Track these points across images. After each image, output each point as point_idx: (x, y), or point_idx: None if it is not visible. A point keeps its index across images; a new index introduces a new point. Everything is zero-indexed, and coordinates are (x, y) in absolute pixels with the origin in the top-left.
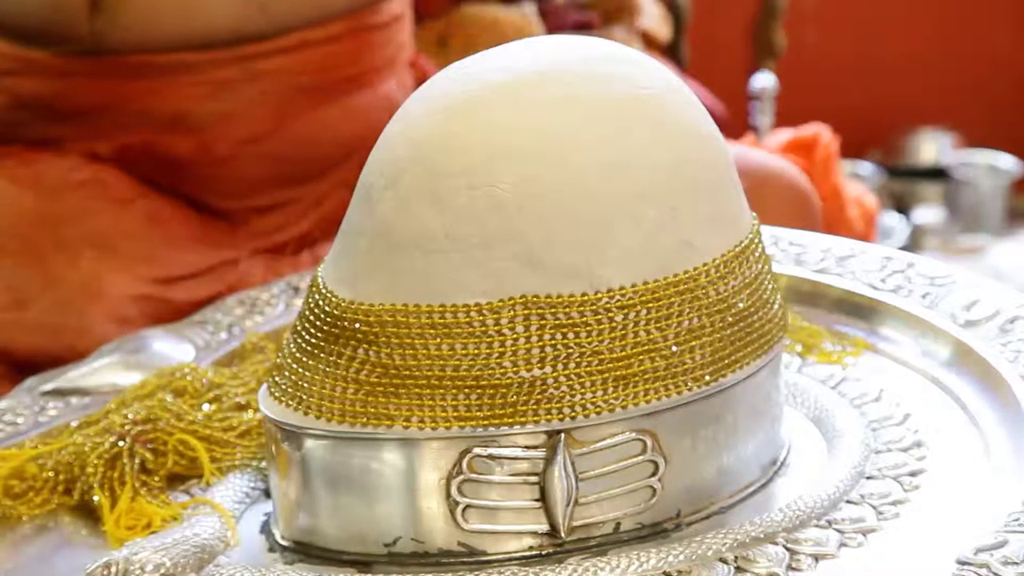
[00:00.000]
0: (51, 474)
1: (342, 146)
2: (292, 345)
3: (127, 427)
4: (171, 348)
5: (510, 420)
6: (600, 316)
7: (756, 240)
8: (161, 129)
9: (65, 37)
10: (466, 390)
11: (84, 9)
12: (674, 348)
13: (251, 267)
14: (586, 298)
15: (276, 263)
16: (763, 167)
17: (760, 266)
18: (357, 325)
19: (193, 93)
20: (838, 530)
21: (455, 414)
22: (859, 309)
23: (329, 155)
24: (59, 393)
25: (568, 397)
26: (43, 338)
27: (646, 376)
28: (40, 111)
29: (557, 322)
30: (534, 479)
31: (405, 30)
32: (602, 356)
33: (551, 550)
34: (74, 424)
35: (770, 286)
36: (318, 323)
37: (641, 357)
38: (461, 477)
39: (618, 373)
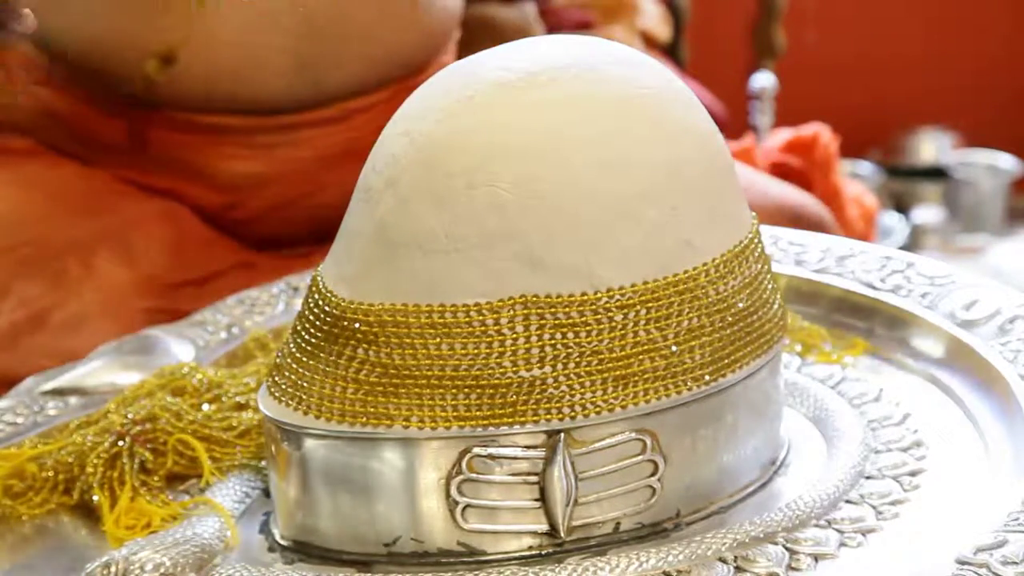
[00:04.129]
0: (51, 474)
1: None
2: (292, 345)
3: (127, 427)
4: (171, 348)
5: (510, 420)
6: (600, 316)
7: (756, 240)
8: (191, 180)
9: (118, 84)
10: (466, 390)
11: (148, 60)
12: (674, 348)
13: (261, 270)
14: (586, 298)
15: (288, 265)
16: (782, 201)
17: (760, 266)
18: (357, 325)
19: (229, 153)
20: (838, 530)
21: (455, 414)
22: (859, 309)
23: None
24: (59, 393)
25: (568, 397)
26: (58, 363)
27: (646, 376)
28: (70, 131)
29: (557, 322)
30: (534, 479)
31: None
32: (602, 356)
33: (551, 550)
34: (74, 424)
35: (770, 286)
36: (318, 323)
37: (641, 357)
38: (461, 477)
39: (618, 373)
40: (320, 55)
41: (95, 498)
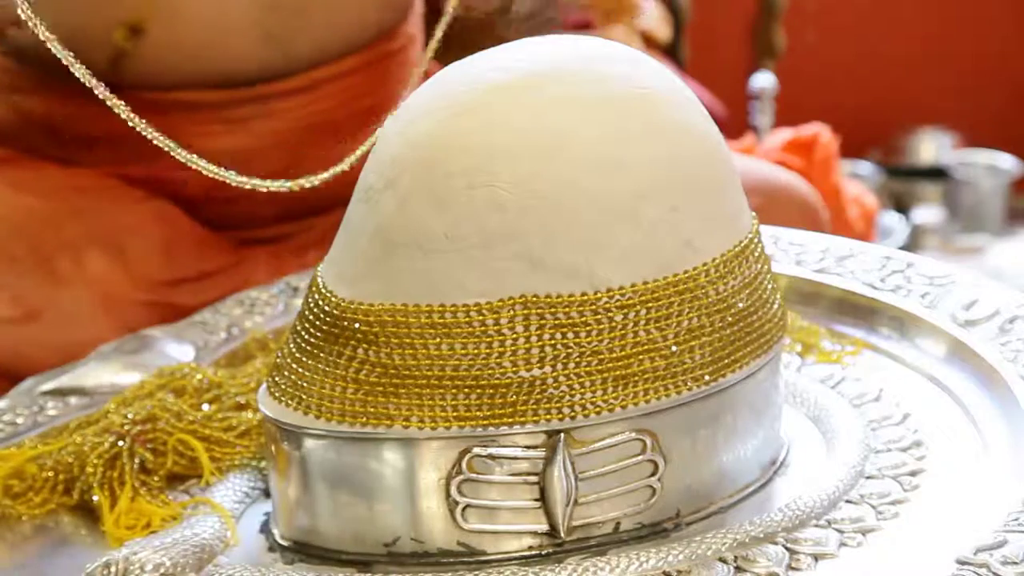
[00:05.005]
0: (51, 474)
1: (357, 177)
2: (292, 345)
3: (127, 427)
4: (171, 348)
5: (510, 420)
6: (600, 316)
7: (756, 240)
8: (171, 165)
9: (86, 66)
10: (466, 390)
11: (116, 29)
12: (674, 348)
13: (255, 267)
14: (586, 298)
15: (281, 263)
16: (770, 182)
17: (760, 266)
18: (357, 325)
19: (205, 131)
20: (838, 530)
21: (455, 414)
22: (858, 309)
23: (345, 188)
24: (59, 393)
25: (568, 397)
26: (53, 353)
27: (646, 376)
28: (47, 132)
29: (557, 322)
30: (534, 479)
31: (418, 49)
32: (602, 356)
33: (551, 550)
34: (74, 424)
35: (770, 286)
36: (318, 323)
37: (641, 357)
38: (461, 477)
39: (618, 373)
40: (285, 23)
41: (95, 498)
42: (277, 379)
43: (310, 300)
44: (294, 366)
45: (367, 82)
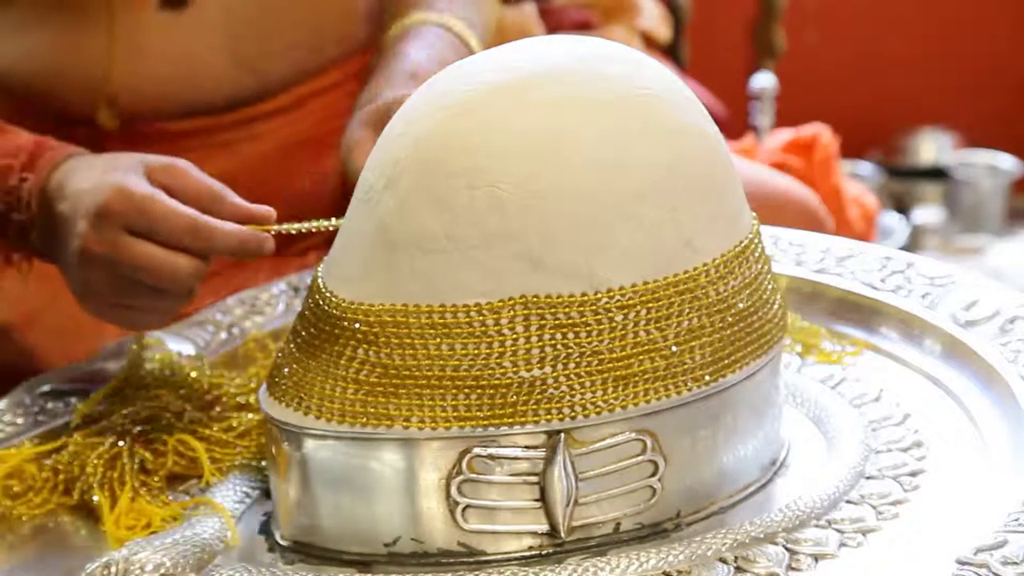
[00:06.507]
0: (51, 474)
1: (349, 189)
2: (292, 345)
3: (127, 427)
4: (171, 348)
5: (510, 420)
6: (600, 316)
7: (756, 240)
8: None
9: (71, 112)
10: (466, 390)
11: (100, 110)
12: (674, 348)
13: (255, 267)
14: (586, 298)
15: (281, 263)
16: (770, 188)
17: (760, 266)
18: (357, 325)
19: (194, 157)
20: (838, 530)
21: (455, 414)
22: (859, 309)
23: (336, 202)
24: (59, 393)
25: (568, 397)
26: (53, 354)
27: (646, 376)
28: None
29: (557, 322)
30: (534, 479)
31: None
32: (602, 356)
33: (551, 550)
34: (74, 424)
35: (770, 286)
36: (318, 323)
37: (641, 357)
38: (461, 477)
39: (618, 373)
40: (252, 45)
41: (95, 498)
42: (277, 379)
43: (310, 300)
44: (294, 366)
45: (349, 96)
